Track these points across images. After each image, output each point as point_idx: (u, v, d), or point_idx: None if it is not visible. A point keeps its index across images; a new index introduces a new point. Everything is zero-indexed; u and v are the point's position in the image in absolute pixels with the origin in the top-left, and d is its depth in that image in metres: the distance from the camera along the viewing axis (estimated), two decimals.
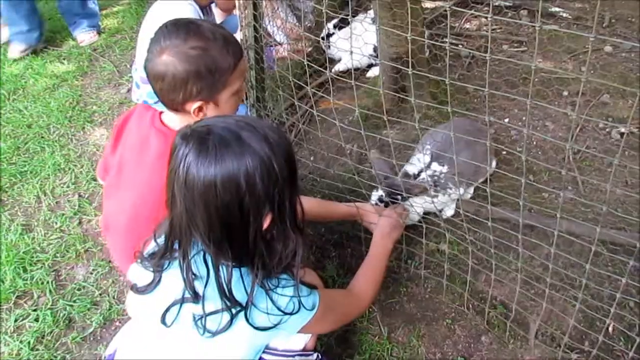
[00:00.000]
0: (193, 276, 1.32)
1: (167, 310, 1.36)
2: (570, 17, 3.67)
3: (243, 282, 1.33)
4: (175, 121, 1.74)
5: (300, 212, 1.40)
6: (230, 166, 1.21)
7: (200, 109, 1.66)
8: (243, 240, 1.30)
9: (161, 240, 1.42)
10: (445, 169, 2.27)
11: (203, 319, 1.33)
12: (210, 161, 1.20)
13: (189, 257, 1.32)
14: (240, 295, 1.33)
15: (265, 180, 1.24)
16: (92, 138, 3.27)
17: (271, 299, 1.35)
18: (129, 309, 1.77)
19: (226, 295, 1.31)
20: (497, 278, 2.09)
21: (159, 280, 1.40)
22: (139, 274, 1.45)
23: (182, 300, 1.34)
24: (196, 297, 1.33)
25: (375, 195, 2.24)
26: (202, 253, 1.34)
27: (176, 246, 1.35)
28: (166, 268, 1.39)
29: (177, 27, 1.62)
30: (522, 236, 1.67)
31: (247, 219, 1.27)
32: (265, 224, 1.31)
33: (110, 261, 2.52)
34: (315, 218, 2.11)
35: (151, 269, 1.41)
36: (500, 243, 2.03)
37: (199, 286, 1.33)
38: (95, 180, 2.95)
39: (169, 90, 1.62)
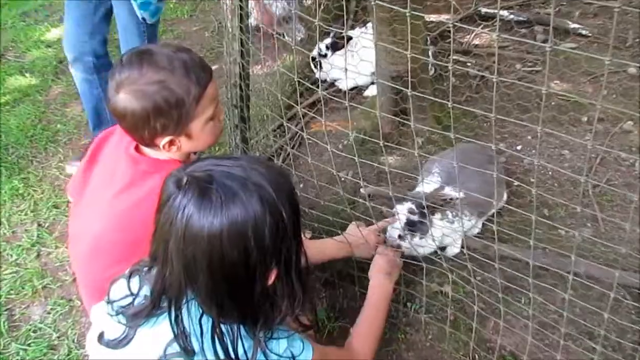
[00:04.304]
0: (185, 334, 1.31)
1: None
2: (589, 35, 3.72)
3: (242, 341, 1.33)
4: (149, 149, 1.76)
5: (304, 264, 1.41)
6: (237, 218, 1.20)
7: (171, 142, 1.69)
8: (247, 299, 1.30)
9: (138, 289, 1.40)
10: (461, 195, 2.28)
11: None
12: (216, 213, 1.20)
13: (182, 314, 1.31)
14: (239, 354, 1.33)
15: (274, 234, 1.24)
16: (55, 160, 3.27)
17: (263, 353, 1.35)
18: (90, 353, 1.74)
19: (228, 355, 1.30)
20: (506, 325, 2.08)
21: (133, 336, 1.38)
22: (106, 323, 1.43)
23: (165, 358, 1.33)
24: (188, 354, 1.31)
25: (403, 208, 2.23)
26: (192, 306, 1.33)
27: (163, 303, 1.33)
28: (142, 324, 1.37)
29: (131, 59, 1.62)
30: (533, 280, 1.67)
31: (252, 276, 1.27)
32: (271, 280, 1.31)
33: (70, 300, 2.50)
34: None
35: (125, 324, 1.38)
36: (510, 286, 2.03)
37: (192, 343, 1.31)
38: (56, 207, 2.95)
39: (132, 129, 1.65)
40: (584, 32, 3.75)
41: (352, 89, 3.50)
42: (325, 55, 3.47)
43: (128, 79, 1.60)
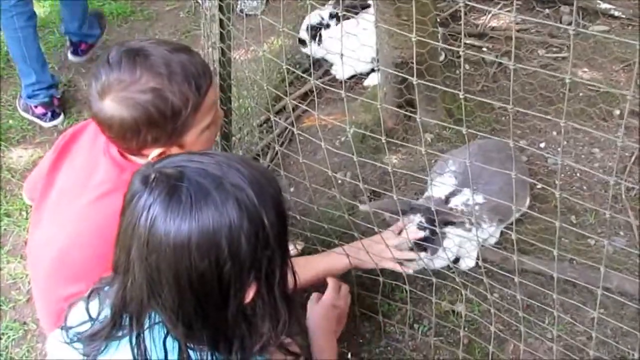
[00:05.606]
0: (147, 358, 1.31)
1: None
2: (622, 16, 3.74)
3: None
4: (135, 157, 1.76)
5: (292, 281, 1.41)
6: (208, 223, 1.20)
7: (161, 154, 1.68)
8: (220, 319, 1.30)
9: (98, 312, 1.40)
10: (481, 199, 2.29)
11: None
12: (184, 215, 1.20)
13: (144, 337, 1.31)
14: None
15: (253, 242, 1.24)
16: (7, 161, 3.26)
17: None
18: None
19: None
20: (527, 349, 2.09)
21: None
22: (63, 353, 1.43)
23: None
24: None
25: (412, 221, 2.24)
26: (155, 327, 1.33)
27: (125, 321, 1.33)
28: (103, 350, 1.36)
29: (121, 59, 1.60)
30: (558, 296, 1.69)
31: (226, 292, 1.26)
32: (248, 298, 1.31)
33: (25, 323, 2.49)
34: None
35: (82, 353, 1.38)
36: (532, 303, 2.04)
37: None
38: (8, 216, 2.94)
39: (119, 139, 1.66)
40: (616, 13, 3.76)
41: (350, 78, 3.50)
42: (328, 26, 3.44)
43: (117, 83, 1.58)
